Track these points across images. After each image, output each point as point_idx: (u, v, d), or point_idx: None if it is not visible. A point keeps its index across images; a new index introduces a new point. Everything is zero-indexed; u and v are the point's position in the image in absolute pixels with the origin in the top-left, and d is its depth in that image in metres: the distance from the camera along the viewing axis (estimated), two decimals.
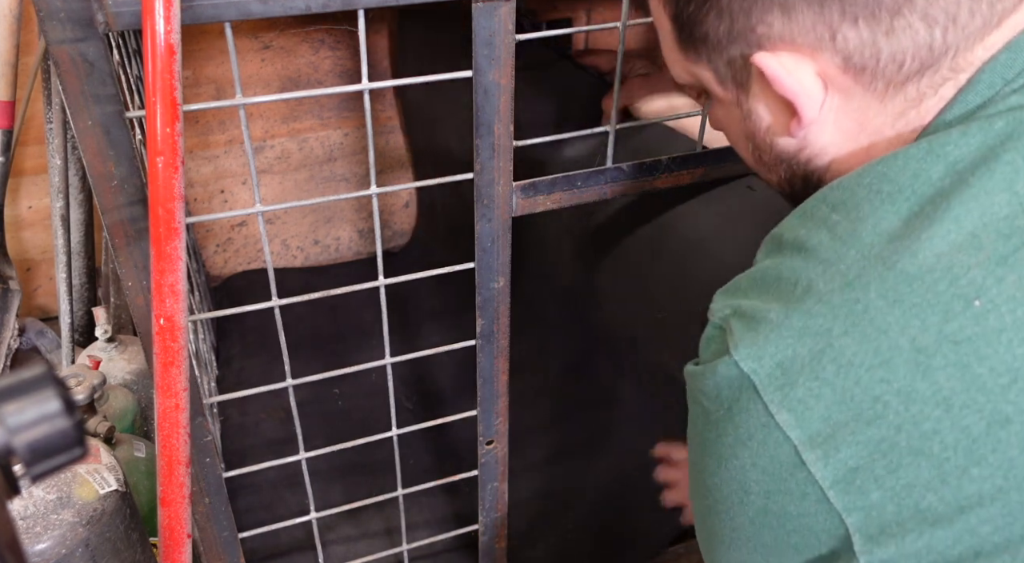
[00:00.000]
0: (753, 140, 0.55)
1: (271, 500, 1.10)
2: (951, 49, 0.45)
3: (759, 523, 0.44)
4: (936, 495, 0.39)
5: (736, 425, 0.44)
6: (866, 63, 0.46)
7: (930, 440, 0.39)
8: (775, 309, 0.43)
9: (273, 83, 1.43)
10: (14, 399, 0.31)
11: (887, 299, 0.41)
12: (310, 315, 1.42)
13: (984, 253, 0.40)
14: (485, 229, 0.71)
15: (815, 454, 0.41)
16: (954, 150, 0.43)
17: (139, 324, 0.64)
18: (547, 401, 1.25)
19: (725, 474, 0.45)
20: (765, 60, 0.48)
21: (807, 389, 0.41)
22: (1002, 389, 0.38)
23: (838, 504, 0.41)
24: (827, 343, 0.41)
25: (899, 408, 0.40)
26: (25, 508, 0.82)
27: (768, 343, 0.43)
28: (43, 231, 1.50)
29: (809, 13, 0.46)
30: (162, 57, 0.50)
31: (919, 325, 0.40)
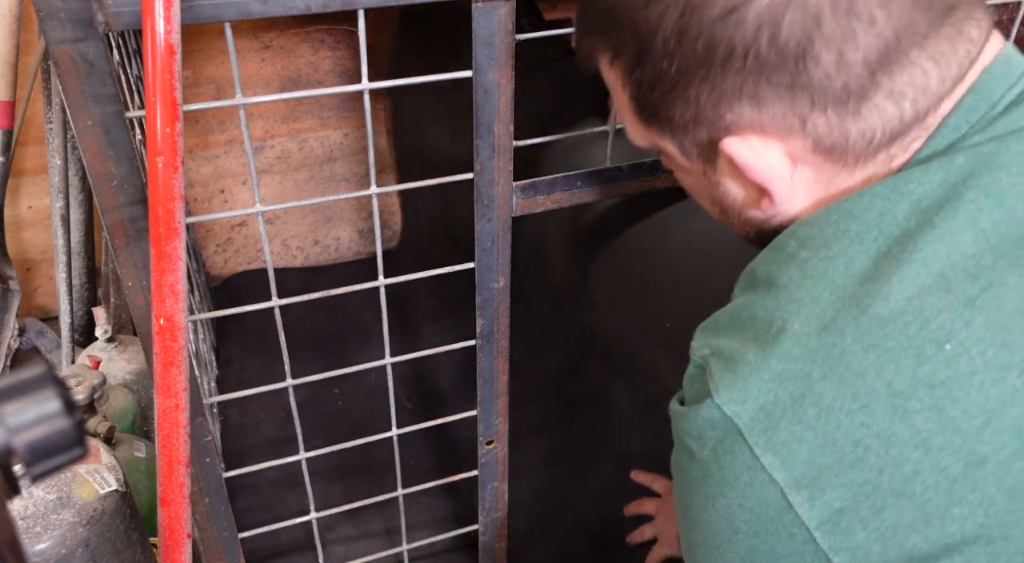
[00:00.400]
0: (720, 206, 0.55)
1: (271, 500, 1.10)
2: (921, 114, 0.46)
3: (749, 561, 0.45)
4: (920, 535, 0.40)
5: (722, 466, 0.44)
6: (835, 143, 0.47)
7: (911, 482, 0.40)
8: (752, 350, 0.44)
9: (273, 83, 1.43)
10: (14, 399, 0.31)
11: (863, 343, 0.42)
12: (310, 315, 1.42)
13: (953, 295, 0.41)
14: (485, 229, 0.71)
15: (801, 496, 0.42)
16: (917, 188, 0.44)
17: (139, 324, 0.64)
18: (547, 401, 1.25)
19: (713, 513, 0.46)
20: (735, 147, 0.48)
21: (790, 433, 0.42)
22: (976, 430, 0.39)
23: (824, 545, 0.42)
24: (807, 387, 0.42)
25: (880, 451, 0.40)
26: (25, 508, 0.82)
27: (749, 386, 0.44)
28: (43, 231, 1.50)
29: (779, 104, 0.46)
30: (162, 57, 0.50)
31: (894, 369, 0.41)
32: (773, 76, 0.45)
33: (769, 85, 0.46)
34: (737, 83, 0.46)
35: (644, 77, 0.50)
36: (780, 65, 0.45)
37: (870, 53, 0.44)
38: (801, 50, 0.44)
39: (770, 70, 0.45)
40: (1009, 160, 0.43)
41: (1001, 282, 0.41)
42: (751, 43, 0.45)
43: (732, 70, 0.46)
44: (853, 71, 0.45)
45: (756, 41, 0.45)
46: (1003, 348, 0.40)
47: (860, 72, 0.45)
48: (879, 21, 0.44)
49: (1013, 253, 0.41)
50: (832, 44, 0.44)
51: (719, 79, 0.47)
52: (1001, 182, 0.43)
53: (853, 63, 0.44)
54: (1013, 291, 0.41)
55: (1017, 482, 0.39)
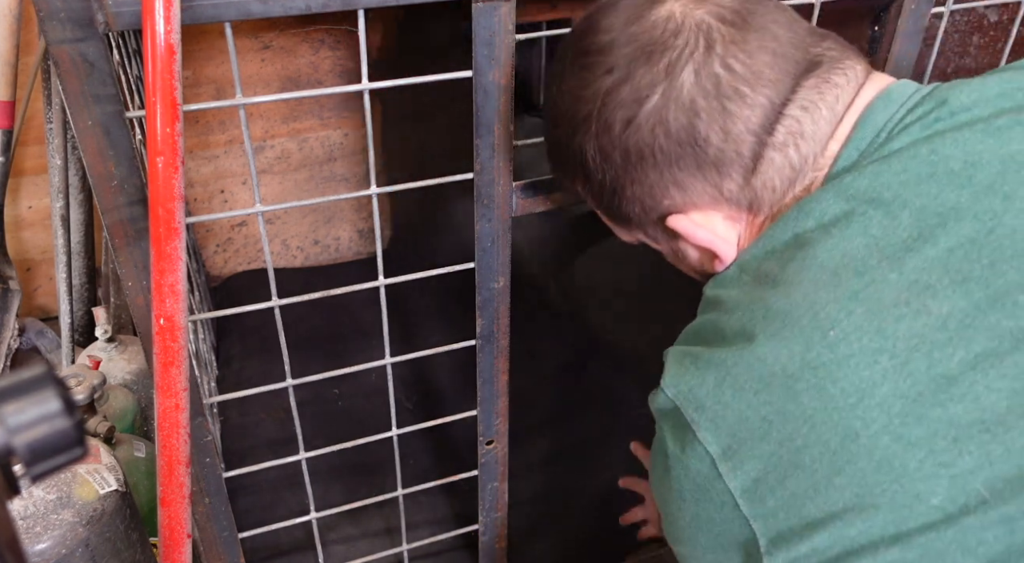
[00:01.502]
0: (695, 271, 0.64)
1: (271, 500, 1.10)
2: (807, 157, 0.54)
3: (694, 527, 0.52)
4: (812, 503, 0.45)
5: (672, 440, 0.51)
6: (750, 199, 0.56)
7: (802, 454, 0.46)
8: (695, 349, 0.53)
9: (273, 83, 1.43)
10: (14, 399, 0.31)
11: (766, 333, 0.48)
12: (310, 315, 1.42)
13: (840, 289, 0.47)
14: (485, 229, 0.71)
15: (727, 466, 0.48)
16: (817, 206, 0.52)
17: (139, 324, 0.64)
18: (548, 401, 1.25)
19: (668, 483, 0.53)
20: (679, 222, 0.58)
21: (714, 411, 0.49)
22: (851, 407, 0.45)
23: (746, 511, 0.47)
24: (726, 372, 0.49)
25: (779, 426, 0.46)
26: (25, 508, 0.82)
27: (686, 374, 0.51)
28: (43, 231, 1.50)
29: (696, 182, 0.56)
30: (162, 57, 0.50)
31: (787, 354, 0.47)
32: (680, 162, 0.55)
33: (681, 170, 0.55)
34: (656, 176, 0.56)
35: (594, 190, 0.61)
36: (681, 153, 0.55)
37: (750, 121, 0.53)
38: (691, 137, 0.54)
39: (676, 159, 0.55)
40: (891, 178, 0.50)
41: (882, 279, 0.47)
42: (652, 142, 0.55)
43: (648, 167, 0.56)
44: (741, 139, 0.54)
45: (655, 140, 0.55)
46: (877, 335, 0.45)
47: (747, 138, 0.54)
48: (747, 95, 0.53)
49: (895, 254, 0.48)
50: (714, 125, 0.53)
51: (642, 177, 0.57)
52: (884, 196, 0.50)
53: (738, 133, 0.53)
54: (891, 286, 0.47)
55: (884, 456, 0.44)
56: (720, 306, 0.54)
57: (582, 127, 0.57)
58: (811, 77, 0.54)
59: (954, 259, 0.46)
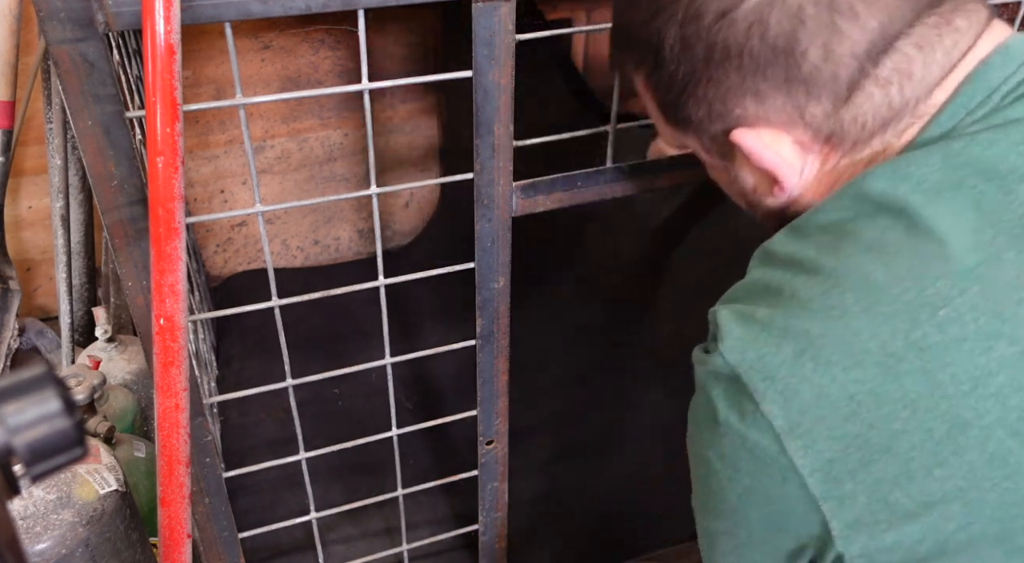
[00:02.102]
0: (744, 198, 0.59)
1: (271, 500, 1.10)
2: (910, 101, 0.49)
3: (746, 501, 0.48)
4: (903, 491, 0.42)
5: (729, 407, 0.47)
6: (833, 131, 0.51)
7: (898, 439, 0.42)
8: (761, 311, 0.47)
9: (273, 83, 1.43)
10: (14, 399, 0.31)
11: (861, 305, 0.44)
12: (310, 315, 1.42)
13: (951, 264, 0.43)
14: (485, 229, 0.71)
15: (796, 444, 0.44)
16: (916, 171, 0.46)
17: (139, 324, 0.64)
18: (550, 402, 1.25)
19: (718, 451, 0.48)
20: (744, 137, 0.52)
21: (787, 383, 0.44)
22: (963, 395, 0.41)
23: (816, 492, 0.44)
24: (807, 343, 0.44)
25: (871, 407, 0.43)
26: (25, 508, 0.82)
27: (755, 339, 0.46)
28: (43, 231, 1.50)
29: (778, 97, 0.50)
30: (162, 57, 0.50)
31: (889, 331, 0.43)
32: (768, 71, 0.49)
33: (766, 80, 0.50)
34: (738, 80, 0.50)
35: (661, 83, 0.55)
36: (772, 61, 0.49)
37: (856, 45, 0.48)
38: (789, 46, 0.48)
39: (764, 66, 0.49)
40: (1008, 149, 0.45)
41: (998, 257, 0.43)
42: (744, 43, 0.49)
43: (732, 68, 0.50)
44: (842, 62, 0.48)
45: (748, 40, 0.49)
46: (994, 318, 0.42)
47: (848, 62, 0.48)
48: (861, 15, 0.47)
49: (1012, 231, 0.43)
50: (817, 39, 0.48)
51: (722, 78, 0.51)
52: (998, 168, 0.45)
53: (840, 55, 0.48)
54: (1009, 266, 0.42)
55: (997, 449, 0.41)
56: (796, 265, 0.48)
57: (667, 10, 0.51)
58: (932, 14, 0.48)
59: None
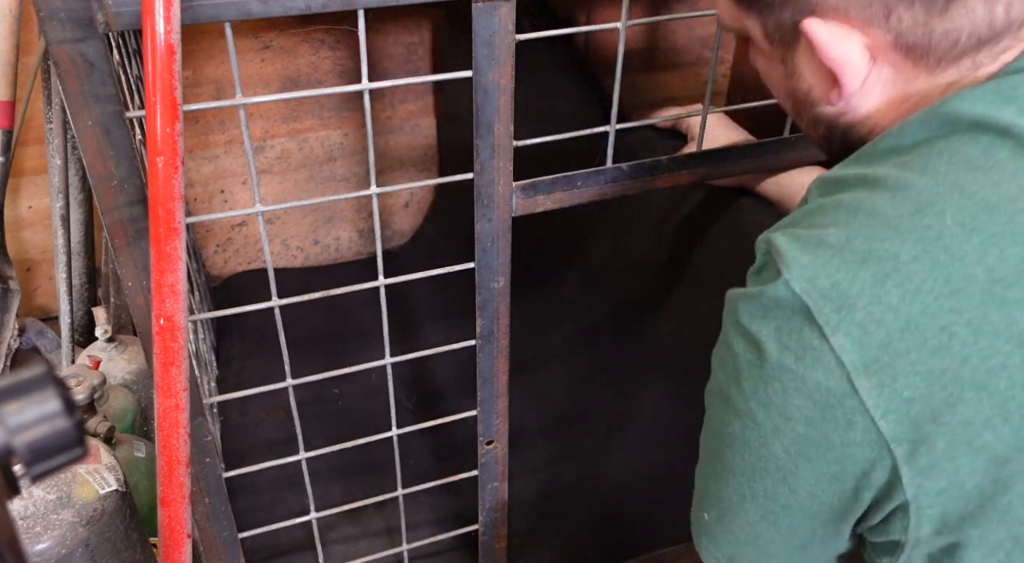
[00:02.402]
0: (794, 98, 0.53)
1: (271, 500, 1.09)
2: (1014, 23, 0.44)
3: (795, 452, 0.43)
4: (994, 433, 0.38)
5: (783, 347, 0.42)
6: (918, 41, 0.44)
7: (997, 376, 0.38)
8: (834, 233, 0.41)
9: (273, 83, 1.43)
10: (14, 399, 0.31)
11: (964, 226, 0.39)
12: (310, 315, 1.42)
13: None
14: (485, 229, 0.71)
15: (870, 382, 0.39)
16: None
17: (139, 324, 0.64)
18: (550, 402, 1.25)
19: (763, 399, 0.43)
20: (815, 27, 0.46)
21: (868, 313, 0.39)
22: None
23: (888, 434, 0.39)
24: (894, 267, 0.39)
25: (967, 339, 0.38)
26: (25, 508, 0.82)
27: (826, 265, 0.40)
28: (43, 231, 1.50)
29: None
30: (162, 57, 0.50)
31: (997, 255, 0.38)
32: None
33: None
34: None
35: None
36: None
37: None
38: None
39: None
40: None
41: None
42: None
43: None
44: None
45: None
46: None
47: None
48: None
49: None
50: None
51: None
52: None
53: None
54: None
55: None
56: (873, 183, 0.43)
57: None
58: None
59: None
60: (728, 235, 0.95)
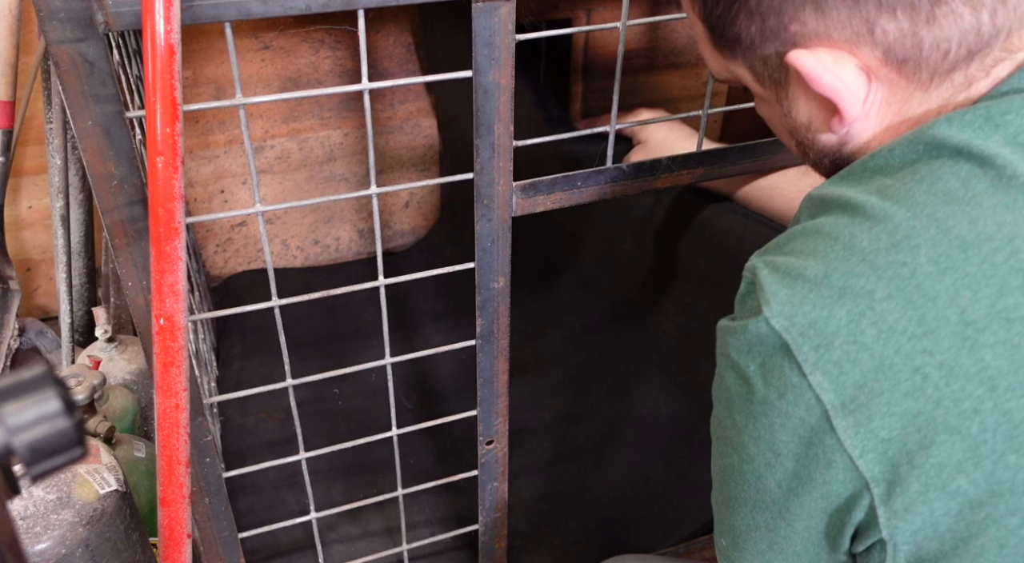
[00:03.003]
0: (795, 136, 0.52)
1: (271, 500, 1.09)
2: (1002, 31, 0.43)
3: (786, 487, 0.43)
4: (966, 478, 0.38)
5: (767, 383, 0.42)
6: (908, 54, 0.44)
7: (969, 419, 0.37)
8: (812, 265, 0.41)
9: (273, 83, 1.43)
10: (14, 399, 0.31)
11: (938, 265, 0.38)
12: (310, 315, 1.42)
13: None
14: (485, 229, 0.71)
15: (846, 422, 0.39)
16: (1015, 120, 0.41)
17: (139, 324, 0.64)
18: (551, 402, 1.25)
19: (754, 433, 0.43)
20: (801, 58, 0.45)
21: (844, 352, 0.39)
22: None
23: (867, 474, 0.39)
24: (868, 305, 0.39)
25: (940, 382, 0.38)
26: (25, 508, 0.82)
27: (804, 301, 0.40)
28: (43, 231, 1.50)
29: (844, 8, 0.43)
30: (162, 57, 0.50)
31: (970, 296, 0.37)
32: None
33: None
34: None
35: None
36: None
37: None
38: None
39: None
40: None
41: None
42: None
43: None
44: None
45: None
46: None
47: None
48: None
49: None
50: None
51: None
52: None
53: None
54: None
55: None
56: (854, 209, 0.42)
57: None
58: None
59: None
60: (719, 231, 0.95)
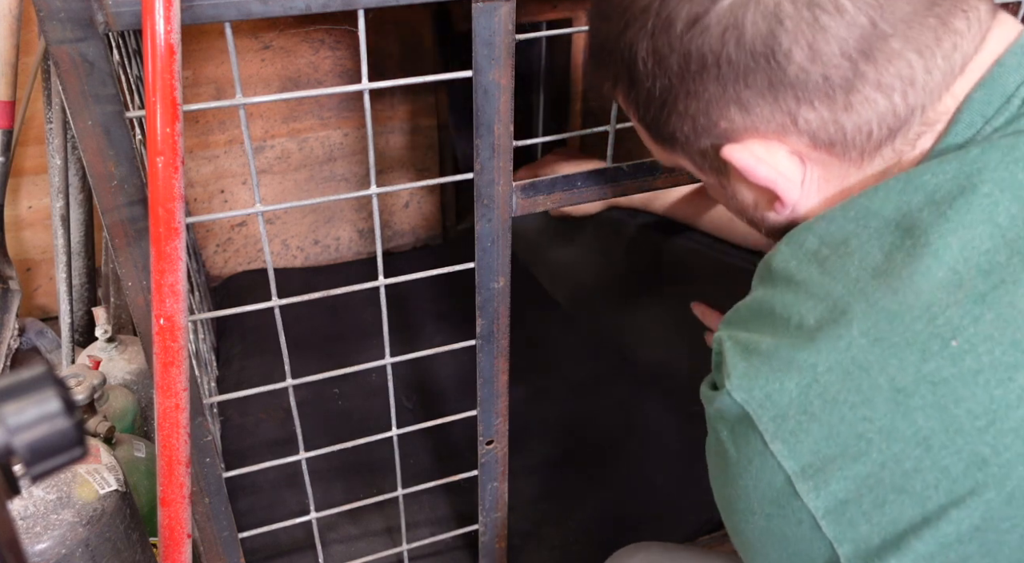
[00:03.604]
0: (744, 214, 0.55)
1: (271, 500, 1.09)
2: (917, 109, 0.46)
3: (764, 541, 0.46)
4: (915, 534, 0.40)
5: (738, 449, 0.45)
6: (833, 138, 0.47)
7: (912, 479, 0.40)
8: (766, 341, 0.44)
9: (273, 83, 1.43)
10: (14, 399, 0.31)
11: (868, 337, 0.41)
12: (310, 315, 1.42)
13: (963, 291, 0.40)
14: (485, 229, 0.71)
15: (807, 485, 0.42)
16: (931, 179, 0.43)
17: (139, 324, 0.64)
18: (552, 403, 1.25)
19: (734, 491, 0.46)
20: (734, 153, 0.49)
21: (797, 422, 0.42)
22: (979, 431, 0.39)
23: (830, 534, 0.42)
24: (813, 378, 0.42)
25: (882, 446, 0.40)
26: (25, 508, 0.82)
27: (759, 375, 0.44)
28: (43, 231, 1.50)
29: (765, 105, 0.46)
30: (162, 57, 0.50)
31: (898, 364, 0.40)
32: (749, 78, 0.46)
33: (748, 88, 0.46)
34: (719, 91, 0.47)
35: (640, 100, 0.52)
36: (754, 66, 0.45)
37: (845, 43, 0.44)
38: (769, 48, 0.45)
39: (745, 72, 0.46)
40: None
41: (1014, 279, 0.40)
42: (720, 50, 0.46)
43: (710, 79, 0.47)
44: (831, 62, 0.44)
45: (724, 47, 0.45)
46: (1012, 347, 0.39)
47: (840, 62, 0.44)
48: (848, 10, 0.43)
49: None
50: (800, 38, 0.44)
51: (701, 90, 0.48)
52: (1018, 177, 0.42)
53: (829, 54, 0.44)
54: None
55: (1018, 487, 0.38)
56: (798, 287, 0.45)
57: (637, 21, 0.48)
58: (931, 16, 0.44)
59: None
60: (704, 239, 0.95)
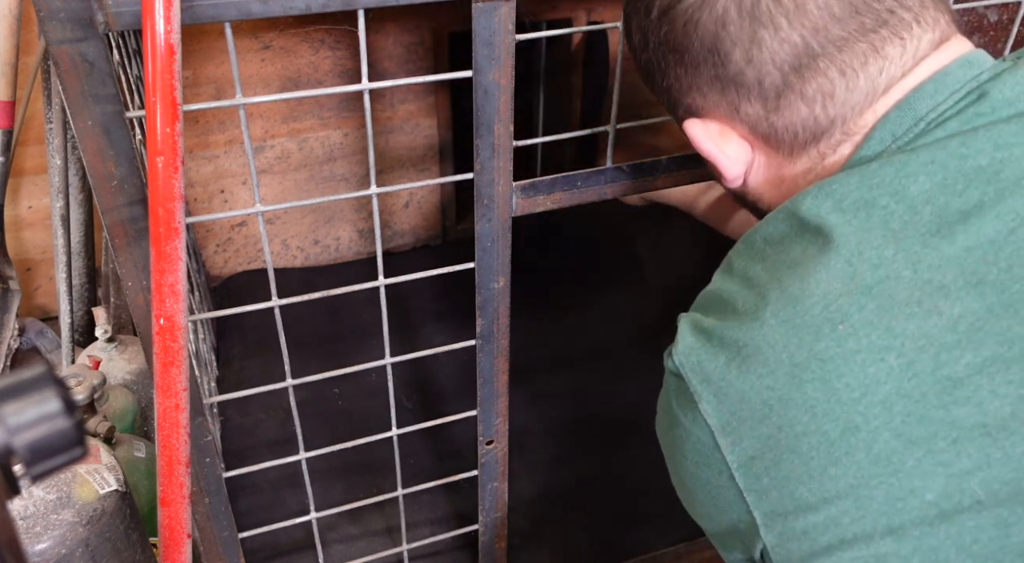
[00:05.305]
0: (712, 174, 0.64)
1: (271, 500, 1.09)
2: (837, 120, 0.53)
3: (693, 484, 0.54)
4: (805, 487, 0.47)
5: (677, 403, 0.53)
6: (767, 133, 0.55)
7: (800, 441, 0.47)
8: (710, 322, 0.52)
9: (273, 83, 1.43)
10: (14, 399, 0.31)
11: (777, 318, 0.48)
12: (310, 315, 1.42)
13: (855, 282, 0.47)
14: (485, 229, 0.71)
15: (726, 441, 0.49)
16: (839, 189, 0.50)
17: (139, 324, 0.64)
18: (552, 403, 1.25)
19: (671, 437, 0.55)
20: (690, 127, 0.58)
21: (718, 387, 0.50)
22: (854, 402, 0.45)
23: (741, 484, 0.49)
24: (736, 352, 0.49)
25: (780, 411, 0.47)
26: (25, 508, 0.82)
27: (698, 347, 0.52)
28: (43, 231, 1.50)
29: (714, 93, 0.55)
30: (162, 57, 0.50)
31: (796, 343, 0.47)
32: (702, 68, 0.54)
33: (700, 76, 0.55)
34: (682, 73, 0.56)
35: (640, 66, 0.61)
36: (705, 58, 0.53)
37: (777, 56, 0.51)
38: (715, 47, 0.52)
39: (699, 63, 0.54)
40: (917, 169, 0.48)
41: (896, 275, 0.46)
42: (682, 39, 0.54)
43: (675, 63, 0.56)
44: (763, 69, 0.52)
45: (685, 38, 0.54)
46: (886, 332, 0.45)
47: (771, 71, 0.52)
48: (782, 28, 0.50)
49: (912, 250, 0.47)
50: (739, 44, 0.52)
51: (669, 71, 0.57)
52: (909, 190, 0.48)
53: (762, 62, 0.52)
54: (905, 284, 0.46)
55: (883, 451, 0.45)
56: (745, 281, 0.53)
57: (632, 5, 0.59)
58: (863, 42, 0.51)
59: (971, 260, 0.46)
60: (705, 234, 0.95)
